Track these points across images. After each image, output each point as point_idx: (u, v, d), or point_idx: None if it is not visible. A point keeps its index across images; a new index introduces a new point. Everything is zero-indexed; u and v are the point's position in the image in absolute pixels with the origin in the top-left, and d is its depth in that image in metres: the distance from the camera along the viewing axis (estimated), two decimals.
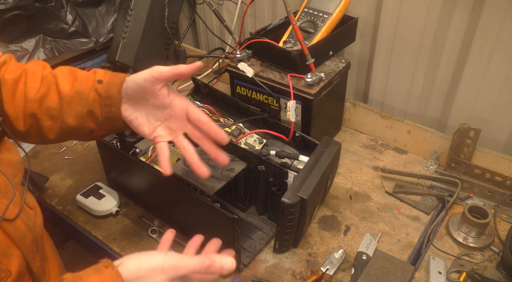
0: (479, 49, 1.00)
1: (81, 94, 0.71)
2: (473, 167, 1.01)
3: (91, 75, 0.73)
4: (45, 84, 0.72)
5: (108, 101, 0.70)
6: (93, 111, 0.72)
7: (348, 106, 1.21)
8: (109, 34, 1.45)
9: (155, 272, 0.55)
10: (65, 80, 0.73)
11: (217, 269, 0.58)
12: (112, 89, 0.70)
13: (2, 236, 0.58)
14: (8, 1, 1.20)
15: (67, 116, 0.72)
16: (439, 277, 0.81)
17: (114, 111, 0.71)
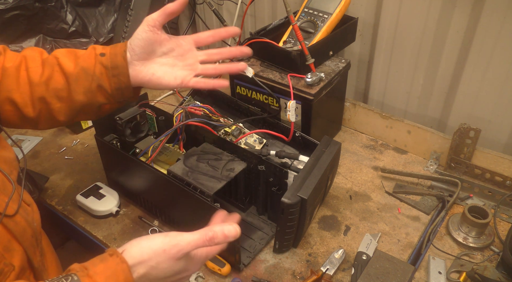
0: (479, 49, 1.00)
1: (87, 70, 0.73)
2: (473, 167, 1.01)
3: (91, 51, 0.74)
4: (47, 67, 0.73)
5: (116, 71, 0.72)
6: (102, 84, 0.73)
7: (348, 106, 1.21)
8: (109, 34, 1.45)
9: (157, 255, 0.55)
10: (67, 60, 0.74)
11: (221, 239, 0.57)
12: (117, 59, 0.72)
13: (4, 232, 0.59)
14: (8, 1, 1.20)
15: (76, 94, 0.73)
16: (439, 277, 0.81)
17: (123, 80, 0.72)
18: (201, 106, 1.03)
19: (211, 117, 1.02)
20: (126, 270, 0.52)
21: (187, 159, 0.88)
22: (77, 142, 1.21)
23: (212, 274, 0.85)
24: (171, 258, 0.55)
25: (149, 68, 0.73)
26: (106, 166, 1.03)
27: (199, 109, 1.01)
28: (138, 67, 0.73)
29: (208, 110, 1.03)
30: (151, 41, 0.72)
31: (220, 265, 0.83)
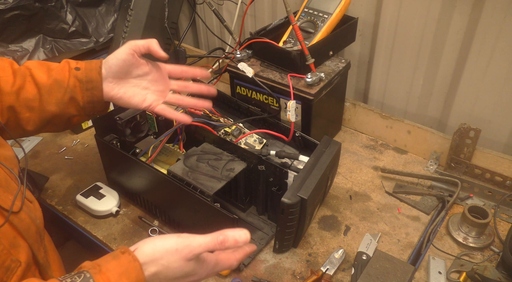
0: (479, 49, 1.00)
1: (60, 82, 0.76)
2: (473, 167, 1.01)
3: (65, 64, 0.78)
4: (19, 77, 0.74)
5: (90, 85, 0.76)
6: (75, 97, 0.76)
7: (348, 106, 1.21)
8: (109, 34, 1.45)
9: (169, 254, 0.55)
10: (40, 71, 0.76)
11: (231, 243, 0.57)
12: (92, 74, 0.76)
13: (9, 228, 0.60)
14: (8, 1, 1.20)
15: (48, 105, 0.76)
16: (439, 277, 0.81)
17: (96, 94, 0.77)
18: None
19: (211, 117, 1.02)
20: (138, 268, 0.53)
21: (187, 159, 0.88)
22: (77, 142, 1.21)
23: None
24: (182, 258, 0.56)
25: (122, 87, 0.78)
26: (106, 166, 1.03)
27: (199, 109, 1.01)
28: (111, 84, 0.78)
29: (208, 110, 1.03)
30: (130, 63, 0.77)
31: None
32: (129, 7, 1.35)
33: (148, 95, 0.80)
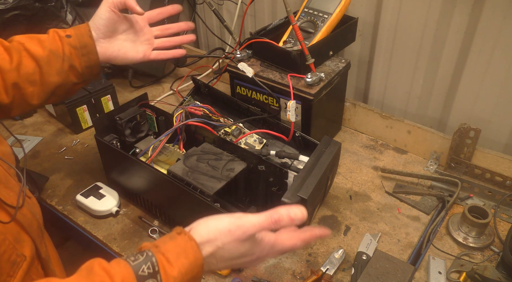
0: (479, 49, 1.00)
1: (55, 52, 0.77)
2: (473, 167, 1.01)
3: (53, 34, 0.79)
4: (14, 53, 0.75)
5: (85, 50, 0.78)
6: (73, 64, 0.78)
7: (348, 106, 1.21)
8: None
9: (223, 235, 0.55)
10: (33, 45, 0.77)
11: (286, 221, 0.56)
12: (84, 38, 0.79)
13: (13, 224, 0.61)
14: (8, 1, 1.20)
15: (49, 76, 0.77)
16: (439, 277, 0.81)
17: (93, 58, 0.80)
18: (201, 106, 1.03)
19: (211, 117, 1.02)
20: (195, 247, 0.53)
21: (187, 159, 0.88)
22: (77, 142, 1.21)
23: (212, 274, 0.85)
24: (236, 240, 0.55)
25: (115, 45, 0.83)
26: (106, 166, 1.03)
27: (199, 109, 1.01)
28: (104, 45, 0.81)
29: (208, 110, 1.03)
30: (114, 20, 0.81)
31: None
32: None
33: (139, 47, 0.86)
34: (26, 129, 1.27)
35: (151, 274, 0.49)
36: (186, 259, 0.52)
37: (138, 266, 0.49)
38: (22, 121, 1.30)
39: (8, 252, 0.57)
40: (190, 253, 0.53)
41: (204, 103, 1.08)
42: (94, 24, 0.80)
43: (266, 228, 0.56)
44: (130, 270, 0.49)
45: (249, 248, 0.56)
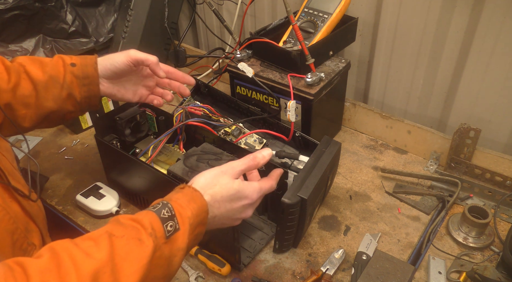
0: (479, 49, 1.00)
1: (56, 78, 0.77)
2: (473, 167, 1.01)
3: (58, 60, 0.79)
4: (14, 74, 0.74)
5: (86, 80, 0.79)
6: (72, 93, 0.78)
7: (348, 106, 1.21)
8: (109, 34, 1.45)
9: (218, 176, 0.65)
10: (34, 68, 0.76)
11: (261, 159, 0.70)
12: (88, 70, 0.78)
13: (23, 214, 0.64)
14: (8, 1, 1.20)
15: (45, 101, 0.77)
16: (439, 277, 0.81)
17: (93, 89, 0.80)
18: (201, 106, 1.03)
19: (211, 117, 1.02)
20: (200, 195, 0.62)
21: (187, 159, 0.88)
22: (77, 142, 1.21)
23: (212, 274, 0.85)
24: (229, 177, 0.65)
25: (115, 85, 0.84)
26: (106, 166, 1.03)
27: (199, 109, 1.01)
28: (105, 84, 0.82)
29: (208, 110, 1.03)
30: (126, 71, 0.81)
31: (220, 265, 0.83)
32: (129, 7, 1.35)
33: (138, 90, 0.87)
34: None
35: (170, 217, 0.56)
36: (195, 203, 0.60)
37: (158, 211, 0.56)
38: None
39: (20, 240, 0.60)
40: (197, 200, 0.61)
41: (204, 103, 1.08)
42: (105, 64, 0.80)
43: (249, 167, 0.69)
44: (153, 214, 0.56)
45: (242, 186, 0.66)
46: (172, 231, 0.55)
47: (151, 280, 0.52)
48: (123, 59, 0.79)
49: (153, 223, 0.54)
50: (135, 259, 0.50)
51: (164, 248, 0.54)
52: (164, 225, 0.55)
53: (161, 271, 0.54)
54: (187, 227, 0.57)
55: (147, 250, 0.51)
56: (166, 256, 0.54)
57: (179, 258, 0.56)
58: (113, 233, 0.52)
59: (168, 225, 0.55)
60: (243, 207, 0.67)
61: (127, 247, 0.51)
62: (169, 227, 0.55)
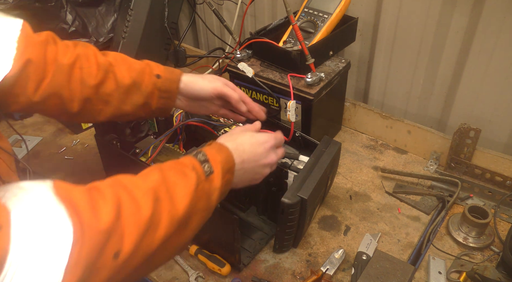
0: (479, 49, 1.00)
1: (138, 85, 0.78)
2: (473, 167, 1.01)
3: (145, 67, 0.80)
4: (101, 71, 0.75)
5: (166, 94, 0.80)
6: (149, 102, 0.79)
7: (348, 106, 1.21)
8: (109, 34, 1.45)
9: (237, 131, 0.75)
10: (122, 69, 0.77)
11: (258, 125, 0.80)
12: (172, 85, 0.80)
13: None
14: (8, 1, 1.20)
15: (123, 104, 0.78)
16: (439, 277, 0.81)
17: (169, 103, 0.81)
18: None
19: (211, 117, 1.02)
20: (226, 148, 0.68)
21: None
22: (77, 142, 1.21)
23: (212, 274, 0.85)
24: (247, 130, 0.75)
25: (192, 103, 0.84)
26: (106, 166, 1.03)
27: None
28: (184, 100, 0.83)
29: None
30: (208, 99, 0.83)
31: (220, 265, 0.83)
32: (129, 7, 1.35)
33: (212, 107, 0.87)
34: (26, 129, 1.27)
35: (205, 160, 0.63)
36: (223, 153, 0.67)
37: (195, 155, 0.64)
38: (22, 122, 1.30)
39: None
40: (224, 150, 0.68)
41: None
42: (191, 87, 0.81)
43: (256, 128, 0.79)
44: (192, 157, 0.63)
45: (259, 134, 0.74)
46: (208, 172, 0.62)
47: (196, 211, 0.59)
48: (209, 89, 0.81)
49: (193, 162, 0.62)
50: (183, 186, 0.58)
51: (204, 183, 0.61)
52: (202, 165, 0.62)
53: (203, 204, 0.61)
54: (219, 170, 0.64)
55: (192, 181, 0.59)
56: (206, 191, 0.61)
57: (215, 197, 0.63)
58: (161, 168, 0.60)
59: (205, 166, 0.62)
60: (265, 151, 0.73)
61: (175, 177, 0.58)
62: (206, 168, 0.62)
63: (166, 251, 0.56)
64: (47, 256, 0.41)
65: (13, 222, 0.41)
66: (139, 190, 0.54)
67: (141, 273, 0.55)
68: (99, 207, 0.48)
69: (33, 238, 0.41)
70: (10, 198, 0.43)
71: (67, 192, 0.48)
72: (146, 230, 0.51)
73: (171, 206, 0.55)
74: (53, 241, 0.42)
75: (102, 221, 0.47)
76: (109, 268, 0.47)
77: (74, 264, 0.43)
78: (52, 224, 0.43)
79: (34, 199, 0.44)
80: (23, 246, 0.40)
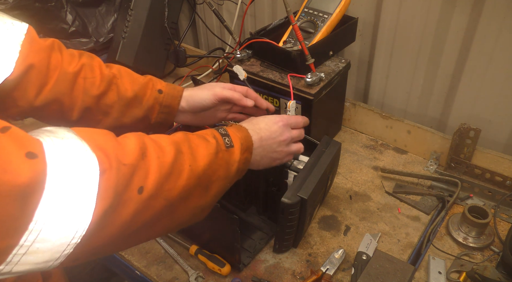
0: (479, 49, 1.00)
1: (139, 99, 0.79)
2: (473, 167, 1.01)
3: (148, 82, 0.81)
4: (105, 82, 0.76)
5: (166, 109, 0.81)
6: (149, 116, 0.80)
7: (348, 106, 1.21)
8: (109, 34, 1.45)
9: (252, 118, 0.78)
10: (125, 82, 0.78)
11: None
12: (173, 101, 0.81)
13: None
14: (8, 1, 1.20)
15: (123, 116, 0.78)
16: (439, 277, 0.81)
17: (169, 119, 0.82)
18: None
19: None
20: (244, 128, 0.72)
21: None
22: None
23: (212, 274, 0.85)
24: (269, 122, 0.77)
25: (198, 116, 0.85)
26: None
27: None
28: (188, 116, 0.84)
29: None
30: (211, 107, 0.84)
31: (220, 265, 0.83)
32: (129, 7, 1.35)
33: (218, 115, 0.88)
34: (26, 129, 1.26)
35: (226, 134, 0.67)
36: (242, 132, 0.70)
37: (217, 129, 0.68)
38: (22, 122, 1.30)
39: None
40: (243, 130, 0.71)
41: None
42: (193, 101, 0.82)
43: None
44: (214, 129, 0.67)
45: (272, 116, 0.78)
46: (228, 144, 0.66)
47: (217, 177, 0.63)
48: (210, 97, 0.82)
49: (214, 133, 0.66)
50: (204, 147, 0.62)
51: (224, 153, 0.64)
52: (223, 137, 0.66)
53: (223, 171, 0.64)
54: (239, 145, 0.67)
55: (212, 146, 0.63)
56: (226, 160, 0.64)
57: (235, 168, 0.66)
58: (184, 132, 0.63)
59: (225, 139, 0.66)
60: (279, 128, 0.76)
61: (197, 140, 0.62)
62: (227, 141, 0.66)
63: (187, 207, 0.59)
64: (79, 182, 0.45)
65: (46, 151, 0.44)
66: (163, 140, 0.57)
67: (165, 224, 0.57)
68: (125, 144, 0.52)
69: (65, 166, 0.44)
70: (39, 134, 0.47)
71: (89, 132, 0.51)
72: (169, 174, 0.54)
73: (192, 160, 0.58)
74: (81, 169, 0.45)
75: (127, 156, 0.50)
76: (134, 202, 0.50)
77: (104, 191, 0.46)
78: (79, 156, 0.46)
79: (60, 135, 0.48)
80: (57, 172, 0.43)
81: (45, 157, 0.43)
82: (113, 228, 0.48)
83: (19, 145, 0.42)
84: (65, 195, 0.43)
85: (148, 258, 0.89)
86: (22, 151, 0.42)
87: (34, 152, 0.43)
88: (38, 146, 0.44)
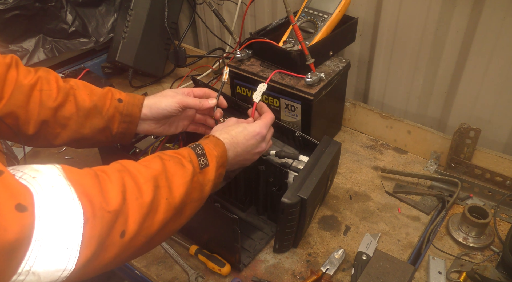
0: (479, 49, 1.00)
1: (99, 109, 0.78)
2: (473, 167, 1.01)
3: (107, 92, 0.80)
4: (62, 94, 0.75)
5: (128, 118, 0.80)
6: (110, 126, 0.79)
7: (348, 106, 1.21)
8: (109, 34, 1.45)
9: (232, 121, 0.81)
10: (83, 93, 0.78)
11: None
12: (133, 109, 0.80)
13: None
14: (8, 1, 1.20)
15: (82, 127, 0.78)
16: (439, 277, 0.81)
17: (131, 128, 0.81)
18: None
19: (211, 118, 1.02)
20: (222, 143, 0.73)
21: None
22: None
23: (212, 274, 0.85)
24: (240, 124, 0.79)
25: (160, 126, 0.85)
26: None
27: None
28: (152, 125, 0.84)
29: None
30: (175, 113, 0.83)
31: (220, 265, 0.83)
32: (129, 7, 1.35)
33: (180, 123, 0.89)
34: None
35: (202, 154, 0.68)
36: (219, 148, 0.71)
37: (194, 148, 0.68)
38: None
39: None
40: (220, 145, 0.72)
41: None
42: (156, 108, 0.82)
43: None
44: (190, 150, 0.68)
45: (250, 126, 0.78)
46: (204, 165, 0.67)
47: (191, 200, 0.64)
48: (174, 105, 0.82)
49: (191, 155, 0.66)
50: (181, 176, 0.63)
51: (199, 176, 0.66)
52: (198, 158, 0.67)
53: (197, 194, 0.65)
54: (214, 164, 0.69)
55: (188, 172, 0.64)
56: (200, 182, 0.66)
57: (208, 188, 0.68)
58: (162, 156, 0.64)
59: (201, 159, 0.67)
60: (257, 142, 0.78)
61: (174, 167, 0.63)
62: (202, 162, 0.67)
63: (164, 233, 0.61)
64: (64, 233, 0.46)
65: (36, 203, 0.44)
66: (142, 177, 0.58)
67: (142, 252, 0.60)
68: (107, 190, 0.52)
69: (52, 217, 0.45)
70: (30, 181, 0.47)
71: (77, 175, 0.52)
72: (147, 214, 0.56)
73: (169, 194, 0.60)
74: (67, 220, 0.46)
75: (111, 203, 0.51)
76: (117, 246, 0.52)
77: (88, 240, 0.48)
78: (65, 205, 0.47)
79: (50, 182, 0.48)
80: (45, 224, 0.44)
81: (34, 210, 0.44)
82: (93, 271, 0.51)
83: (9, 195, 0.42)
84: (50, 246, 0.45)
85: (148, 258, 0.89)
86: (12, 202, 0.42)
87: (24, 204, 0.43)
88: (28, 197, 0.44)
